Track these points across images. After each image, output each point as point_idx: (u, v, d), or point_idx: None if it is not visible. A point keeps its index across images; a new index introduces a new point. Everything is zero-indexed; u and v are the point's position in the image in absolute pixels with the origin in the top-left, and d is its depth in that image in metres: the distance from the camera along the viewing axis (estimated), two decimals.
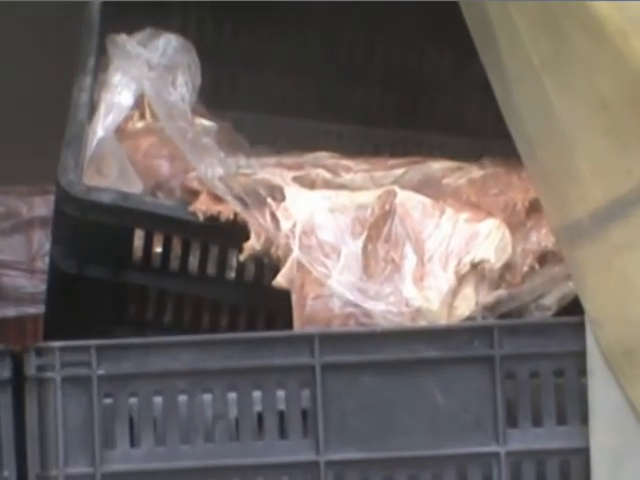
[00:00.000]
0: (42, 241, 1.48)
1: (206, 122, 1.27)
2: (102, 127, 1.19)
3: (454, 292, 1.15)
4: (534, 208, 1.17)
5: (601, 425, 1.13)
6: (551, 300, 1.17)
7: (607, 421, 1.13)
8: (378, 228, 1.16)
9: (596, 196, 1.10)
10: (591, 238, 1.11)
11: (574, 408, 1.14)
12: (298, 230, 1.15)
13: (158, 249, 1.21)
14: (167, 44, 1.25)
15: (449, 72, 1.48)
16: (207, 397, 1.13)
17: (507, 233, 1.15)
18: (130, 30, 1.35)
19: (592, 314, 1.12)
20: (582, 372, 1.13)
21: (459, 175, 1.19)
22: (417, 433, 1.14)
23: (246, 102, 1.44)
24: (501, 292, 1.16)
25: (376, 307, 1.15)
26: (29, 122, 1.73)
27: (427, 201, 1.15)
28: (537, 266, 1.17)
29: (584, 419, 1.13)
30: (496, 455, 1.13)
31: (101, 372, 1.12)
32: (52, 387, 1.13)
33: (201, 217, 1.20)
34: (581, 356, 1.13)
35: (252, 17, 1.49)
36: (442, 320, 1.16)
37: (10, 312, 1.50)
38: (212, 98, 1.32)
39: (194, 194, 1.22)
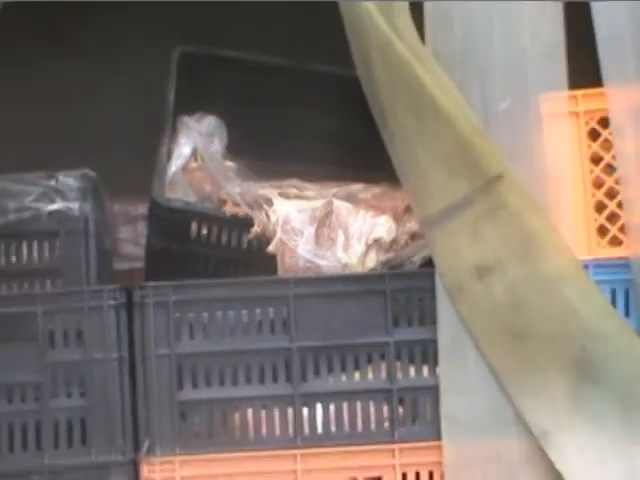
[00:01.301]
0: (142, 228, 2.36)
1: (230, 163, 2.18)
2: (174, 166, 2.11)
3: (364, 255, 2.04)
4: (408, 210, 2.05)
5: (444, 325, 1.98)
6: (417, 259, 2.05)
7: (447, 323, 1.97)
8: (324, 221, 2.06)
9: (439, 202, 1.95)
10: (437, 227, 1.94)
11: (429, 316, 1.98)
12: (280, 222, 2.05)
13: (204, 232, 2.13)
14: (209, 122, 2.18)
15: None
16: (230, 312, 2.00)
17: (393, 223, 2.04)
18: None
19: (439, 267, 1.97)
20: (434, 297, 1.96)
21: (367, 192, 2.09)
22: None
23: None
24: (390, 255, 2.05)
25: (322, 263, 2.05)
26: (136, 151, 2.45)
27: (350, 206, 2.05)
28: (409, 241, 2.07)
29: (434, 321, 1.97)
30: (387, 344, 2.02)
31: (173, 299, 1.98)
32: (148, 307, 1.98)
33: (228, 215, 2.12)
34: (433, 290, 1.96)
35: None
36: (358, 270, 2.05)
37: (124, 266, 2.42)
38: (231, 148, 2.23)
39: (224, 202, 2.12)
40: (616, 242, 1.93)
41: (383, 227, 2.04)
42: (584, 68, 1.90)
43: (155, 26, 2.74)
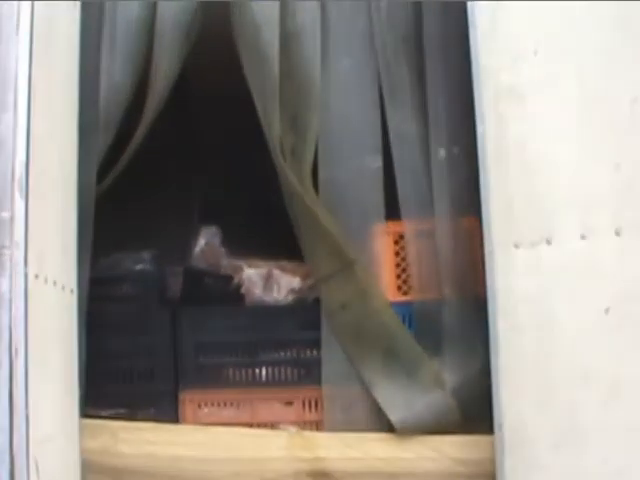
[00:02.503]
0: None
1: (223, 249, 4.27)
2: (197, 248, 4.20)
3: (286, 296, 4.12)
4: (307, 275, 4.10)
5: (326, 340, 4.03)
6: (311, 298, 4.10)
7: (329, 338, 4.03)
8: (268, 279, 4.14)
9: (324, 269, 3.97)
10: (323, 283, 3.93)
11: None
12: (246, 278, 4.14)
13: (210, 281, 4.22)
14: (215, 230, 4.26)
15: None
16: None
17: (300, 280, 4.11)
18: None
19: (323, 303, 3.99)
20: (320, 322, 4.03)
21: (289, 265, 4.16)
22: None
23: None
24: (299, 295, 4.12)
25: (267, 299, 4.12)
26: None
27: (280, 272, 4.13)
28: (309, 289, 4.14)
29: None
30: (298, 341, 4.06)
31: None
32: None
33: (222, 274, 4.21)
34: (319, 316, 4.04)
35: None
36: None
37: None
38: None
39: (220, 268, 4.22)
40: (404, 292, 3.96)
41: (296, 282, 4.08)
42: None
43: None
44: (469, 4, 3.59)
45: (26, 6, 2.97)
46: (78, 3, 3.50)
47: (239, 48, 3.76)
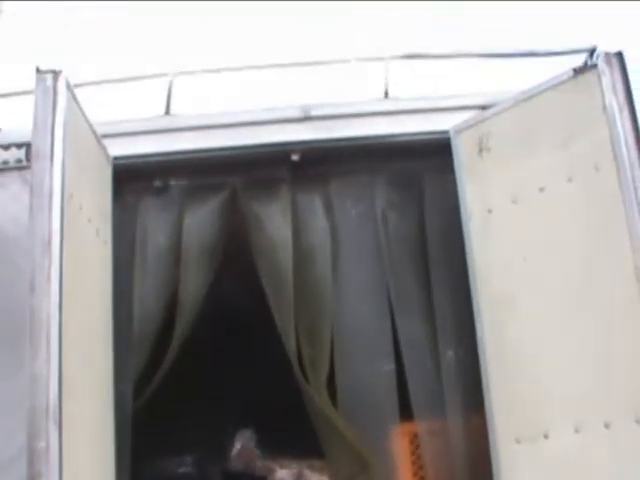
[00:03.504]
0: None
1: (257, 451, 4.57)
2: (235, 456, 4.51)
3: None
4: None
5: None
6: None
7: None
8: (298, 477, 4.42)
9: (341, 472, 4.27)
10: None
11: None
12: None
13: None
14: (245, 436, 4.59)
15: None
16: None
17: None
18: None
19: None
20: None
21: (316, 465, 4.44)
22: None
23: None
24: None
25: None
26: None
27: (308, 471, 4.41)
28: None
29: None
30: None
31: None
32: None
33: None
34: None
35: None
36: None
37: None
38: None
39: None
40: None
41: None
42: None
43: None
44: (463, 218, 3.92)
45: (56, 250, 3.35)
46: (109, 241, 3.89)
47: (258, 266, 4.11)
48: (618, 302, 3.47)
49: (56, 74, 3.46)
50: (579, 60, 3.89)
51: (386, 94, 4.29)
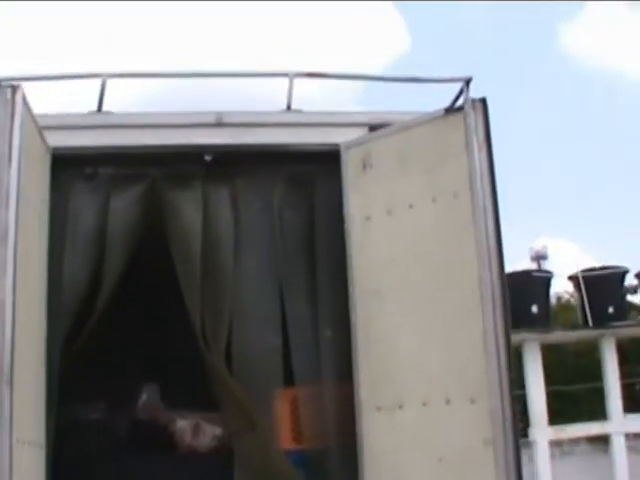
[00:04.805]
0: None
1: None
2: (141, 407, 5.34)
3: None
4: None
5: None
6: None
7: None
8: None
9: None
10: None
11: None
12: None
13: None
14: (150, 389, 5.42)
15: None
16: None
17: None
18: None
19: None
20: None
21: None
22: None
23: None
24: None
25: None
26: None
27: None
28: None
29: None
30: None
31: None
32: None
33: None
34: None
35: None
36: None
37: None
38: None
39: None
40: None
41: (219, 431, 5.18)
42: None
43: None
44: (346, 221, 4.76)
45: (12, 240, 4.08)
46: (46, 222, 4.62)
47: (171, 249, 4.89)
48: (463, 304, 4.37)
49: (14, 88, 4.15)
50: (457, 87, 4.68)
51: (289, 107, 5.03)
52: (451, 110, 4.53)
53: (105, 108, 4.99)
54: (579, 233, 36.49)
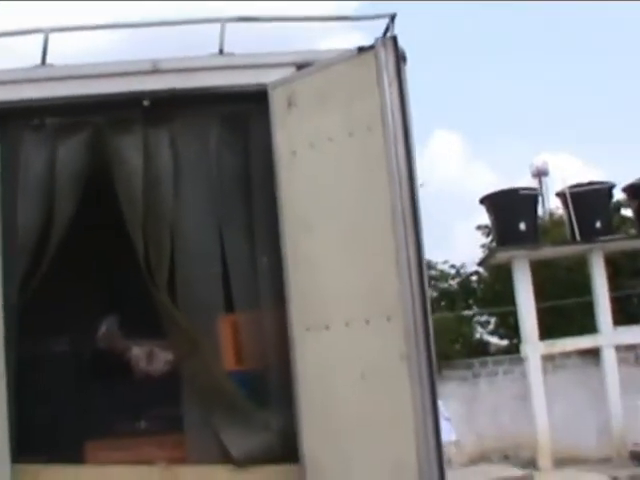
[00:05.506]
0: None
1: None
2: (101, 337, 5.79)
3: None
4: None
5: None
6: None
7: None
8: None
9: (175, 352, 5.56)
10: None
11: None
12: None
13: None
14: (110, 321, 5.86)
15: None
16: None
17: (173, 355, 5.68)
18: None
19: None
20: None
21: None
22: None
23: None
24: None
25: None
26: None
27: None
28: None
29: None
30: None
31: None
32: None
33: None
34: None
35: None
36: None
37: None
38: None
39: None
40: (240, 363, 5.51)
41: (170, 356, 5.62)
42: None
43: None
44: (275, 157, 5.13)
45: None
46: None
47: (115, 189, 5.28)
48: (378, 229, 4.75)
49: None
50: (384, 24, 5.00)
51: (221, 51, 5.37)
52: (364, 49, 4.83)
53: (50, 61, 5.29)
54: (583, 150, 36.59)
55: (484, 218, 17.69)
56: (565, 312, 18.88)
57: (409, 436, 4.48)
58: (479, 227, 22.42)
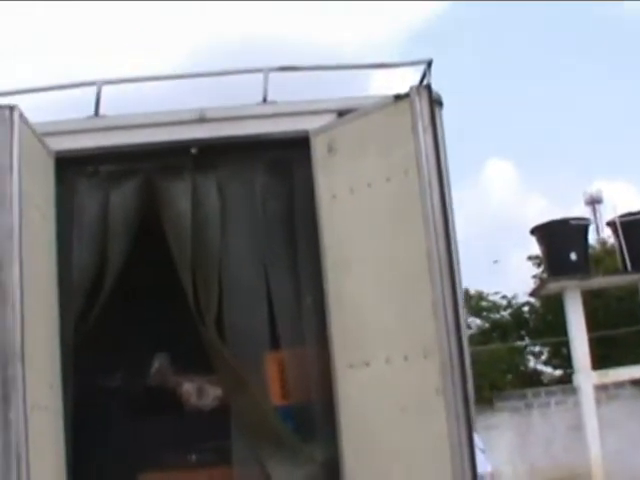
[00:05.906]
0: None
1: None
2: (154, 373, 6.04)
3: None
4: None
5: None
6: None
7: None
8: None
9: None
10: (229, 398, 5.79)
11: None
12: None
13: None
14: (161, 357, 6.11)
15: None
16: None
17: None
18: None
19: None
20: None
21: None
22: None
23: None
24: None
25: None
26: None
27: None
28: None
29: None
30: None
31: None
32: None
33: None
34: None
35: None
36: None
37: None
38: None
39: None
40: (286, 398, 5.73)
41: (219, 392, 5.87)
42: None
43: None
44: (316, 201, 5.37)
45: (16, 238, 4.77)
46: (53, 218, 5.31)
47: (166, 233, 5.56)
48: (415, 271, 4.95)
49: (11, 108, 4.82)
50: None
51: (264, 100, 5.65)
52: (399, 97, 5.07)
53: (105, 111, 5.61)
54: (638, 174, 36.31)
55: (535, 248, 17.73)
56: (618, 342, 18.84)
57: (446, 468, 4.65)
58: (530, 257, 22.43)
